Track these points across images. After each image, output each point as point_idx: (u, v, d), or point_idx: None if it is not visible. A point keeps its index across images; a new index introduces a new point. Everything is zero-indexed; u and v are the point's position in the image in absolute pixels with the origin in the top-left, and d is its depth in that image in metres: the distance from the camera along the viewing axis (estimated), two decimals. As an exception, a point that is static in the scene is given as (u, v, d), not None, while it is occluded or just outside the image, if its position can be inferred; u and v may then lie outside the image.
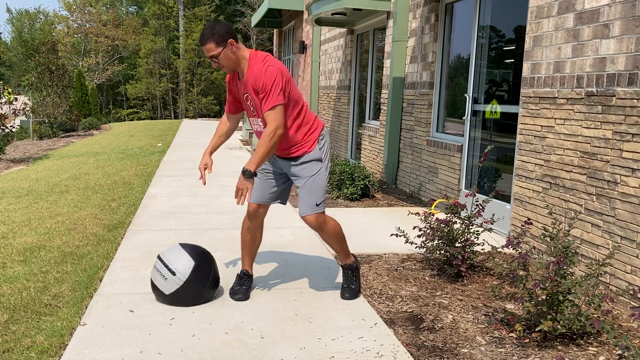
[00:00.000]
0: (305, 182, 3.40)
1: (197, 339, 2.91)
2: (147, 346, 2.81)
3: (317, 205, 3.39)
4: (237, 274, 3.64)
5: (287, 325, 3.11)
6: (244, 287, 3.53)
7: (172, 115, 35.94)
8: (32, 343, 2.86)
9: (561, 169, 4.32)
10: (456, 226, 5.25)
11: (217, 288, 3.50)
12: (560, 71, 4.33)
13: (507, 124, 5.29)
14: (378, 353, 2.81)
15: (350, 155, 10.45)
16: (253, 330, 3.04)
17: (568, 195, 4.23)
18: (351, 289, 3.56)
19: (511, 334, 3.06)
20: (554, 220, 4.34)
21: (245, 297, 3.48)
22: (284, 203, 3.69)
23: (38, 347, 2.81)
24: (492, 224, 4.24)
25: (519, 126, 4.85)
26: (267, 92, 3.12)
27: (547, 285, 2.87)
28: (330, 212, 5.97)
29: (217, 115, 34.94)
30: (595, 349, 2.88)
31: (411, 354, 2.81)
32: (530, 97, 4.69)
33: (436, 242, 4.02)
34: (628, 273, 3.66)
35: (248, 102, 3.32)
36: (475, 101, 5.87)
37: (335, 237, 3.52)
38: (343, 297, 3.53)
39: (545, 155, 4.50)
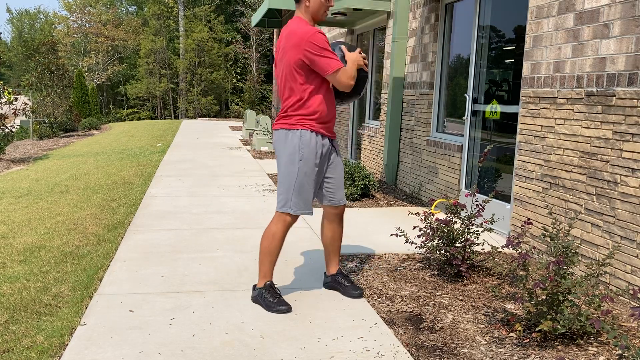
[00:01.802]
0: (342, 170, 3.52)
1: (197, 339, 2.91)
2: (147, 346, 2.82)
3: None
4: (264, 285, 3.38)
5: (287, 325, 3.11)
6: (281, 297, 3.35)
7: (172, 115, 35.93)
8: (32, 343, 2.86)
9: (561, 169, 4.32)
10: (456, 226, 5.25)
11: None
12: (560, 71, 4.33)
13: (507, 124, 5.29)
14: (378, 353, 2.81)
15: (350, 155, 10.45)
16: (253, 330, 3.04)
17: (568, 195, 4.23)
18: (357, 285, 3.57)
19: (511, 334, 3.06)
20: (554, 220, 4.34)
21: (290, 306, 3.32)
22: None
23: (38, 347, 2.81)
24: (492, 224, 4.24)
25: (519, 126, 4.85)
26: None
27: (547, 285, 2.87)
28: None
29: (217, 115, 34.92)
30: (595, 349, 2.88)
31: (411, 354, 2.81)
32: (530, 97, 4.69)
33: (436, 242, 4.02)
34: (628, 273, 3.66)
35: None
36: (475, 101, 5.87)
37: (342, 234, 3.67)
38: (354, 294, 3.51)
39: (545, 155, 4.50)
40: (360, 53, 3.42)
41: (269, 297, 3.33)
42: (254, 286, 3.46)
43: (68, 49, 37.15)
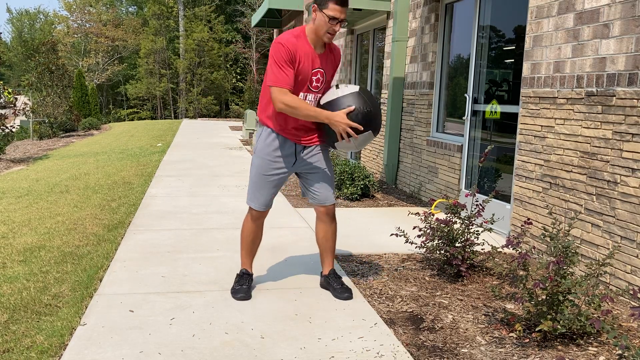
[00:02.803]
0: (326, 171, 3.51)
1: (197, 339, 2.91)
2: (147, 346, 2.82)
3: (333, 193, 3.56)
4: (237, 273, 3.65)
5: (287, 325, 3.11)
6: (244, 286, 3.53)
7: (172, 115, 35.92)
8: (32, 343, 2.86)
9: (561, 169, 4.32)
10: (456, 226, 5.25)
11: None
12: (560, 71, 4.33)
13: (507, 124, 5.30)
14: (378, 353, 2.81)
15: (350, 155, 10.45)
16: (253, 330, 3.04)
17: (568, 195, 4.23)
18: (347, 287, 3.57)
19: (511, 334, 3.06)
20: (554, 220, 4.34)
21: (247, 296, 3.48)
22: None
23: (38, 347, 2.81)
24: (492, 224, 4.24)
25: (519, 126, 4.85)
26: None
27: (547, 285, 2.87)
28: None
29: (217, 115, 34.91)
30: (595, 349, 2.88)
31: (411, 354, 2.81)
32: (530, 97, 4.69)
33: (436, 242, 4.02)
34: (628, 273, 3.66)
35: (316, 77, 3.33)
36: (475, 101, 5.87)
37: (336, 234, 3.67)
38: (342, 297, 3.51)
39: (545, 155, 4.50)
40: (345, 121, 3.17)
41: (234, 283, 3.59)
42: None
43: (68, 49, 37.15)
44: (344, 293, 3.52)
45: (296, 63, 3.22)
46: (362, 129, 3.21)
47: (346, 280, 3.86)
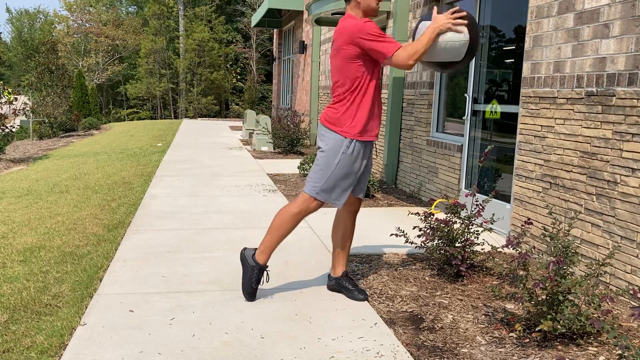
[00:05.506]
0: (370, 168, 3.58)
1: (197, 339, 2.91)
2: (147, 346, 2.82)
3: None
4: (258, 268, 3.44)
5: (287, 325, 3.12)
6: (257, 286, 3.50)
7: (172, 115, 35.91)
8: (32, 343, 2.86)
9: (561, 169, 4.32)
10: (456, 226, 5.25)
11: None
12: (560, 71, 4.33)
13: (507, 124, 5.29)
14: (378, 353, 2.81)
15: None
16: (253, 330, 3.04)
17: (568, 195, 4.23)
18: (361, 289, 3.56)
19: (511, 334, 3.06)
20: (554, 220, 4.34)
21: (254, 298, 3.49)
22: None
23: (38, 347, 2.81)
24: (492, 224, 4.24)
25: (519, 126, 4.85)
26: None
27: (547, 285, 2.87)
28: (330, 211, 5.97)
29: (217, 115, 34.90)
30: (595, 349, 2.88)
31: (411, 354, 2.81)
32: (530, 97, 4.69)
33: (436, 242, 4.02)
34: (628, 273, 3.67)
35: None
36: (475, 101, 5.87)
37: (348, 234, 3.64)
38: (358, 299, 3.49)
39: (545, 155, 4.50)
40: (453, 13, 3.30)
41: (254, 280, 3.45)
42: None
43: (68, 49, 37.14)
44: (361, 294, 3.51)
45: None
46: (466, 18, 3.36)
47: (346, 280, 3.86)
